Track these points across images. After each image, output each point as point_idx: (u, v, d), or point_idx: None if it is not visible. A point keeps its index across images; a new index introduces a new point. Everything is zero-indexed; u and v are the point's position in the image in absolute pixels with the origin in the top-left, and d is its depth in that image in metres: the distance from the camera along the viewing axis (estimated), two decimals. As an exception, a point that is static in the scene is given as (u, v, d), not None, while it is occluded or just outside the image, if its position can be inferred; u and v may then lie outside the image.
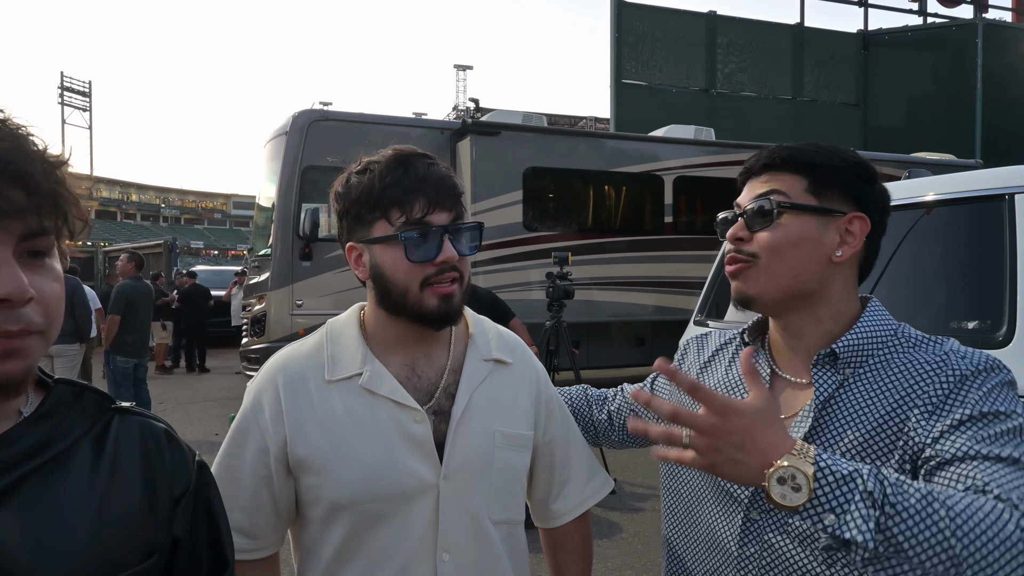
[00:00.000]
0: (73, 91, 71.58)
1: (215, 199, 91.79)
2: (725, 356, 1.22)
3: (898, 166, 10.27)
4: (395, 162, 1.11)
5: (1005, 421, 0.90)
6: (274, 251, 8.19)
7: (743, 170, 1.12)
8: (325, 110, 8.76)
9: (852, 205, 1.05)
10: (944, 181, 2.54)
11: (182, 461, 0.88)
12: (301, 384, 1.14)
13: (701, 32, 16.19)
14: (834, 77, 17.29)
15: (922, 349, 1.01)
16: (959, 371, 0.95)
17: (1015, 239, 2.14)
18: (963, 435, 0.89)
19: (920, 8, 18.37)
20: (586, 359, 8.78)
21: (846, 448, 0.97)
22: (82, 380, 0.85)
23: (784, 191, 1.05)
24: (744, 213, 1.07)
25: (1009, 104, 16.74)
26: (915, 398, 0.95)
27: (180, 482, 0.86)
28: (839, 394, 1.01)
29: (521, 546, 1.23)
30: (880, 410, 0.97)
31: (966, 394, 0.93)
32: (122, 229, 71.07)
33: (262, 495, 1.12)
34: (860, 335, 1.03)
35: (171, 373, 12.90)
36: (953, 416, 0.91)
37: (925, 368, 0.97)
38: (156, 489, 0.83)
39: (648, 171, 9.51)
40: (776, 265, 1.03)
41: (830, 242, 1.04)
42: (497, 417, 1.18)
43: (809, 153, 1.06)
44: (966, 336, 2.21)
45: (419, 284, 1.10)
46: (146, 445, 0.85)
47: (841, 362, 1.02)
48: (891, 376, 0.99)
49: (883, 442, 0.95)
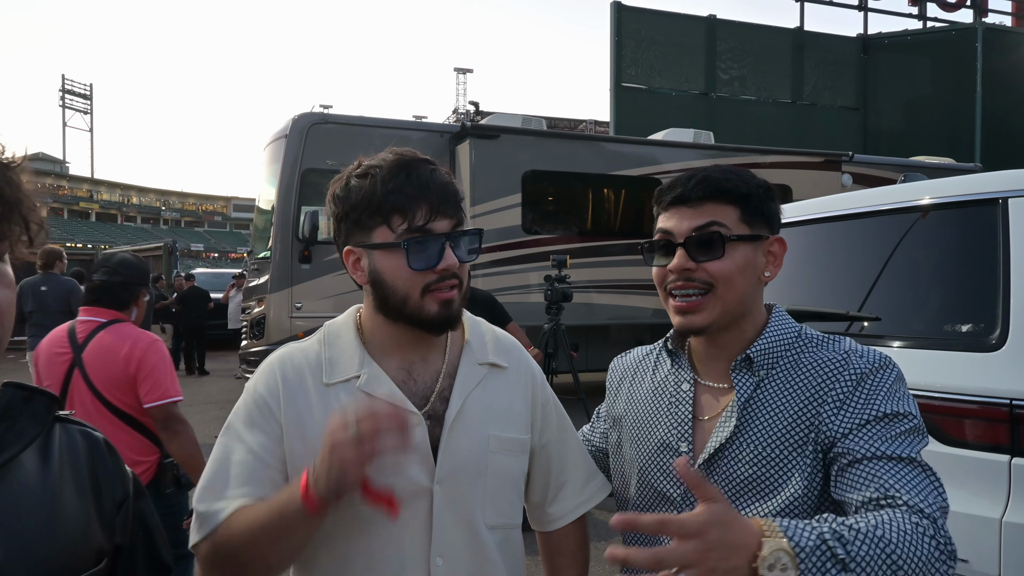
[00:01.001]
0: (74, 94, 71.75)
1: (215, 202, 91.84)
2: (649, 364, 1.32)
3: (897, 170, 10.30)
4: (398, 167, 1.10)
5: (904, 422, 1.02)
6: (273, 254, 8.20)
7: (672, 198, 1.15)
8: (325, 113, 8.78)
9: (770, 228, 1.17)
10: (939, 185, 2.55)
11: (120, 471, 0.88)
12: (300, 383, 1.14)
13: (701, 36, 16.21)
14: (834, 81, 17.31)
15: (824, 348, 1.13)
16: (858, 369, 1.07)
17: (1008, 243, 2.15)
18: (869, 434, 1.01)
19: (920, 12, 18.40)
20: (584, 362, 8.78)
21: (768, 441, 1.08)
22: None
23: (724, 222, 1.12)
24: (685, 243, 1.12)
25: (1009, 108, 16.76)
26: (823, 395, 1.07)
27: (119, 491, 0.87)
28: (757, 394, 1.11)
29: (517, 550, 1.23)
30: (795, 405, 1.08)
31: (867, 392, 1.05)
32: (122, 232, 71.08)
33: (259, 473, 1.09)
34: (769, 339, 1.14)
35: (170, 375, 12.89)
36: (860, 414, 1.03)
37: (829, 366, 1.09)
38: (102, 497, 0.84)
39: (647, 174, 9.51)
40: (729, 293, 1.11)
41: (760, 264, 1.15)
42: (491, 421, 1.18)
43: (738, 183, 1.13)
44: (959, 339, 2.22)
45: (420, 291, 1.10)
46: (91, 454, 0.85)
47: (756, 365, 1.13)
48: (801, 374, 1.10)
49: (799, 434, 1.07)
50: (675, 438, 1.17)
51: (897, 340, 2.38)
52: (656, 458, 1.18)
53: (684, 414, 1.17)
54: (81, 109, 72.53)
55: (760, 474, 1.07)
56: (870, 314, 2.52)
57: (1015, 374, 2.01)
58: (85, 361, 2.57)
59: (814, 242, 2.96)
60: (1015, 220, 2.15)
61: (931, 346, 2.26)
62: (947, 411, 2.14)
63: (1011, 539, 1.93)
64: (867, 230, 2.75)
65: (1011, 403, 1.99)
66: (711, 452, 1.11)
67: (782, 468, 1.06)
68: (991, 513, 1.97)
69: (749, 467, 1.08)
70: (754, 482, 1.08)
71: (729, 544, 0.83)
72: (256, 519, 1.01)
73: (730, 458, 1.10)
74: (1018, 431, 1.97)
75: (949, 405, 2.13)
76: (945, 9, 18.70)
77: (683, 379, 1.21)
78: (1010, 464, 1.97)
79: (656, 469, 1.18)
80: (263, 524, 1.00)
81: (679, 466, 0.94)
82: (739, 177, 1.14)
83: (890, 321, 2.47)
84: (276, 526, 0.99)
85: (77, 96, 72.30)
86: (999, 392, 2.02)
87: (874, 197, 2.75)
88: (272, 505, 1.01)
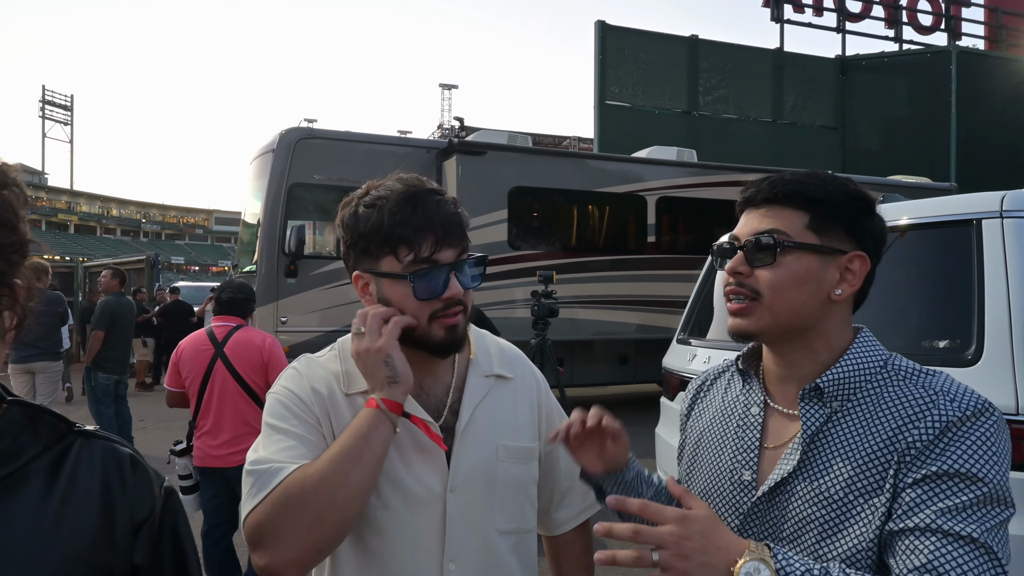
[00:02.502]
0: (55, 105, 71.12)
1: (197, 214, 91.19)
2: (721, 385, 1.25)
3: (876, 189, 10.51)
4: (404, 199, 1.13)
5: (974, 489, 0.89)
6: (259, 268, 8.18)
7: (743, 199, 1.11)
8: (312, 128, 8.82)
9: (852, 242, 1.05)
10: (917, 206, 2.64)
11: (146, 487, 0.86)
12: (327, 388, 1.18)
13: (683, 55, 16.47)
14: (813, 101, 17.64)
15: (912, 382, 1.00)
16: (945, 417, 0.94)
17: (982, 262, 2.23)
18: (930, 497, 0.90)
19: (896, 35, 18.83)
20: (570, 377, 8.83)
21: (834, 482, 0.98)
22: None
23: (785, 229, 1.03)
24: (744, 246, 1.06)
25: (983, 129, 17.16)
26: (901, 440, 0.95)
27: (142, 509, 0.84)
28: (827, 428, 1.02)
29: (531, 553, 1.27)
30: (869, 447, 0.97)
31: (947, 445, 0.92)
32: (102, 244, 70.33)
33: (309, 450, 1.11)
34: (846, 368, 1.03)
35: (151, 390, 12.74)
36: (930, 467, 0.92)
37: (914, 407, 0.97)
38: (115, 515, 0.81)
39: (631, 191, 9.64)
40: (778, 303, 1.03)
41: (830, 280, 1.04)
42: (500, 431, 1.23)
43: (812, 188, 1.04)
44: (937, 355, 2.29)
45: (427, 318, 1.14)
46: (107, 470, 0.83)
47: (827, 396, 1.02)
48: (881, 411, 0.99)
49: (871, 479, 0.96)
50: (740, 465, 1.10)
51: (877, 356, 2.45)
52: (718, 483, 1.13)
53: (751, 440, 1.10)
54: (61, 120, 71.92)
55: (822, 516, 0.98)
56: (851, 330, 2.59)
57: (990, 388, 2.09)
58: (228, 353, 3.57)
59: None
60: (988, 240, 2.24)
61: (910, 362, 2.33)
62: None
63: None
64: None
65: (987, 417, 2.06)
66: (772, 484, 1.04)
67: (846, 513, 0.96)
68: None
69: (810, 507, 1.00)
70: (814, 523, 0.99)
71: (711, 539, 0.85)
72: (332, 451, 1.06)
73: (791, 494, 1.02)
74: (993, 444, 2.04)
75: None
76: (920, 32, 19.16)
77: (753, 402, 1.14)
78: (986, 476, 2.04)
79: (717, 495, 1.13)
80: (342, 449, 1.05)
81: (668, 481, 0.98)
82: (818, 181, 1.05)
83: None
84: (357, 445, 1.05)
85: (57, 107, 71.69)
86: (975, 406, 2.10)
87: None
88: (346, 433, 1.07)
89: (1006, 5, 19.80)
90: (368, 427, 1.06)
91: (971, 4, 19.57)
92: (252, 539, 1.04)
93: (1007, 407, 2.03)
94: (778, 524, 1.03)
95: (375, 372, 1.10)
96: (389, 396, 1.08)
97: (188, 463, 3.68)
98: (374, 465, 1.06)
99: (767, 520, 1.05)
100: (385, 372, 1.09)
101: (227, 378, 3.55)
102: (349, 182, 8.33)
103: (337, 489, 1.02)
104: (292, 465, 1.06)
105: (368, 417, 1.07)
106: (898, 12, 18.69)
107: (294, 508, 1.01)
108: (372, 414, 1.07)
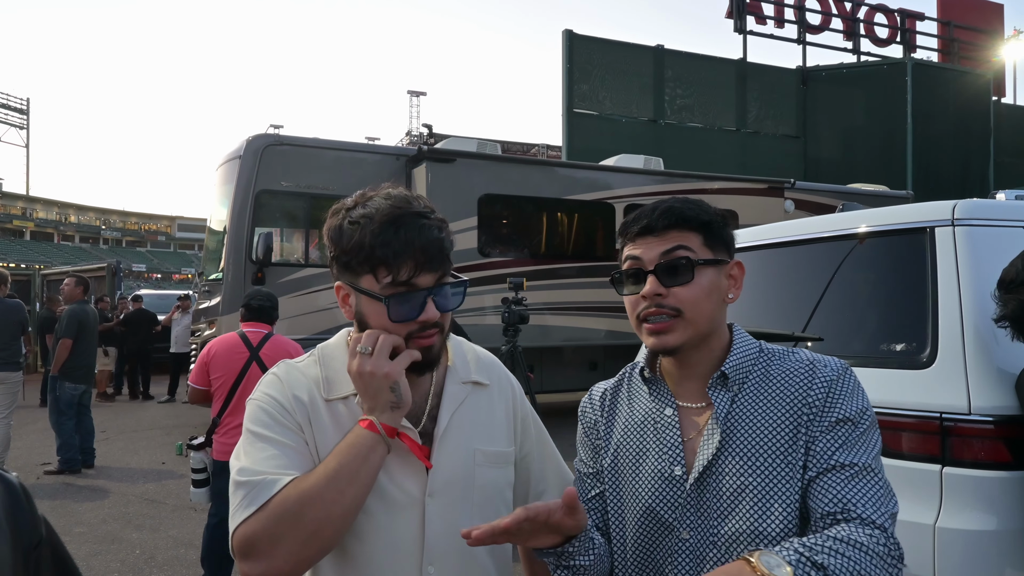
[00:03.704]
0: (10, 108, 69.19)
1: (159, 221, 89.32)
2: (623, 397, 1.33)
3: (836, 196, 10.78)
4: (388, 221, 1.13)
5: (859, 426, 1.12)
6: (226, 275, 8.08)
7: (639, 228, 1.22)
8: (280, 135, 8.73)
9: (729, 252, 1.24)
10: (874, 215, 2.74)
11: (34, 513, 0.87)
12: (308, 394, 1.20)
13: (649, 65, 16.71)
14: (775, 110, 18.03)
15: (788, 359, 1.21)
16: (828, 378, 1.15)
17: (936, 268, 2.33)
18: (834, 439, 1.11)
19: (854, 47, 19.36)
20: (540, 383, 8.88)
21: (753, 450, 1.13)
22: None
23: (690, 247, 1.19)
24: (656, 270, 1.18)
25: (937, 138, 17.72)
26: (800, 401, 1.14)
27: (35, 534, 0.86)
28: (734, 408, 1.17)
29: (507, 557, 1.30)
30: (773, 414, 1.15)
31: (835, 398, 1.13)
32: (59, 251, 68.46)
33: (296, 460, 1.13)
34: (738, 355, 1.21)
35: (113, 401, 12.48)
36: (829, 417, 1.12)
37: (799, 375, 1.17)
38: (22, 542, 0.83)
39: (600, 199, 9.74)
40: (698, 316, 1.18)
41: (724, 287, 1.22)
42: (477, 436, 1.25)
43: (700, 212, 1.22)
44: (894, 358, 2.38)
45: (402, 338, 1.16)
46: (11, 498, 0.84)
47: (730, 381, 1.19)
48: (773, 385, 1.17)
49: (783, 441, 1.13)
50: (669, 463, 1.19)
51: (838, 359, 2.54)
52: (650, 486, 1.21)
53: (673, 438, 1.21)
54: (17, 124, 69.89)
55: (753, 483, 1.11)
56: (814, 334, 2.68)
57: (944, 389, 2.18)
58: (264, 357, 3.83)
59: (761, 267, 3.13)
60: (940, 248, 2.34)
61: (869, 364, 2.42)
62: (885, 424, 2.29)
63: (944, 543, 2.08)
64: (810, 256, 2.93)
65: (941, 416, 2.15)
66: (701, 470, 1.15)
67: (773, 474, 1.11)
68: (925, 520, 2.12)
69: (738, 478, 1.12)
70: (749, 491, 1.12)
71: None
72: (330, 468, 1.08)
73: (721, 472, 1.14)
74: (948, 442, 2.14)
75: (887, 419, 2.29)
76: (877, 44, 19.73)
77: (665, 404, 1.24)
78: (941, 473, 2.13)
79: (654, 497, 1.20)
80: (340, 468, 1.07)
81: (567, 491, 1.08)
82: (699, 206, 1.22)
83: (832, 341, 2.63)
84: (354, 464, 1.08)
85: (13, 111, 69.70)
86: (930, 406, 2.19)
87: (816, 225, 2.94)
88: (344, 451, 1.09)
89: (958, 19, 20.50)
90: (367, 448, 1.10)
91: (924, 18, 20.24)
92: (243, 550, 1.05)
93: (959, 407, 2.12)
94: (714, 503, 1.14)
95: (378, 395, 1.12)
96: (390, 421, 1.12)
97: (203, 457, 3.95)
98: (368, 484, 1.10)
99: (703, 503, 1.15)
100: (390, 397, 1.12)
101: None
102: (317, 189, 8.28)
103: (334, 506, 1.06)
104: (284, 477, 1.08)
105: (367, 439, 1.10)
106: (856, 25, 19.23)
107: (290, 522, 1.04)
108: (371, 436, 1.10)
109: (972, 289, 2.24)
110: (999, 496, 2.05)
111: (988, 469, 2.06)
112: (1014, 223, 2.39)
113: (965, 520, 2.06)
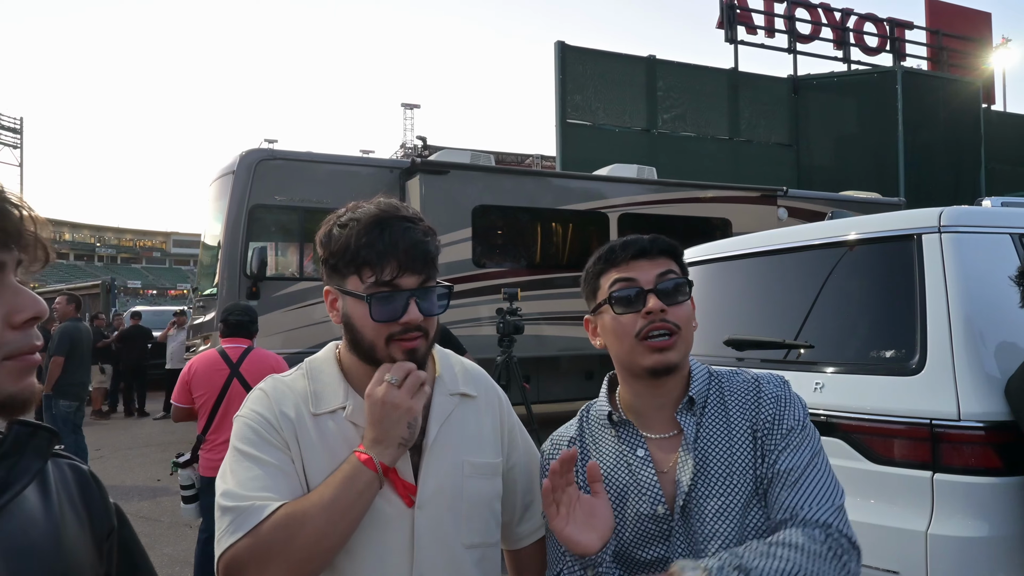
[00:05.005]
0: (4, 128, 69.23)
1: (154, 237, 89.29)
2: (588, 445, 1.33)
3: (829, 204, 10.82)
4: (374, 223, 1.16)
5: (803, 432, 1.20)
6: (220, 290, 8.06)
7: (636, 251, 1.27)
8: (273, 149, 8.75)
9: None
10: (863, 222, 2.76)
11: (107, 501, 0.91)
12: (295, 410, 1.20)
13: (641, 75, 16.81)
14: (768, 119, 18.14)
15: (735, 379, 1.27)
16: (774, 393, 1.23)
17: (924, 275, 2.34)
18: (784, 448, 1.17)
19: (844, 56, 19.52)
20: (536, 393, 8.85)
21: (726, 470, 1.18)
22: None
23: (677, 271, 1.28)
24: (657, 289, 1.24)
25: (928, 145, 17.85)
26: (757, 419, 1.21)
27: (107, 521, 0.90)
28: (700, 432, 1.22)
29: (496, 566, 1.30)
30: (736, 433, 1.21)
31: (782, 410, 1.21)
32: (54, 269, 68.20)
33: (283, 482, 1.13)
34: (698, 380, 1.27)
35: (108, 418, 12.41)
36: (781, 428, 1.20)
37: (750, 393, 1.24)
38: (94, 528, 0.87)
39: (594, 208, 9.76)
40: (688, 333, 1.25)
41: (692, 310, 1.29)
42: (464, 448, 1.26)
43: (673, 242, 1.32)
44: (884, 365, 2.39)
45: (384, 340, 1.17)
46: (82, 487, 0.88)
47: (696, 405, 1.24)
48: (729, 405, 1.24)
49: (748, 456, 1.19)
50: (651, 504, 1.20)
51: (829, 366, 2.55)
52: (639, 528, 1.21)
53: (650, 479, 1.22)
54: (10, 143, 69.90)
55: (728, 503, 1.15)
56: (805, 342, 2.69)
57: (933, 396, 2.19)
58: (244, 372, 3.79)
59: (753, 275, 3.14)
60: (928, 254, 2.35)
61: (860, 371, 2.43)
62: (875, 431, 2.30)
63: (936, 550, 2.08)
64: (801, 263, 2.94)
65: (931, 423, 2.16)
66: (682, 503, 1.18)
67: (744, 491, 1.16)
68: (917, 526, 2.12)
69: (717, 499, 1.16)
70: (726, 511, 1.15)
71: None
72: (325, 500, 1.08)
73: (699, 496, 1.17)
74: (938, 448, 2.14)
75: (877, 426, 2.30)
76: (867, 53, 19.90)
77: (637, 444, 1.26)
78: (932, 480, 2.13)
79: (642, 537, 1.21)
80: (335, 501, 1.08)
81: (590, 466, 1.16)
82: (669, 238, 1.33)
83: (823, 348, 2.64)
84: (348, 499, 1.09)
85: (6, 130, 69.72)
86: (920, 413, 2.20)
87: (806, 233, 2.95)
88: (340, 484, 1.09)
89: (946, 28, 20.70)
90: (364, 484, 1.11)
91: (913, 27, 20.42)
92: (229, 575, 1.06)
93: (949, 413, 2.13)
94: (699, 527, 1.16)
95: (393, 428, 1.12)
96: (390, 461, 1.13)
97: (191, 474, 3.91)
98: (359, 518, 1.12)
99: (689, 530, 1.17)
100: (404, 433, 1.13)
101: (243, 395, 3.70)
102: (311, 203, 8.29)
103: (324, 539, 1.07)
104: (271, 503, 1.08)
105: (365, 476, 1.11)
106: (846, 34, 19.40)
107: (279, 549, 1.05)
108: (369, 475, 1.11)
109: (960, 295, 2.25)
110: (990, 502, 2.05)
111: (979, 475, 2.07)
112: (1000, 229, 2.40)
113: (957, 527, 2.06)
